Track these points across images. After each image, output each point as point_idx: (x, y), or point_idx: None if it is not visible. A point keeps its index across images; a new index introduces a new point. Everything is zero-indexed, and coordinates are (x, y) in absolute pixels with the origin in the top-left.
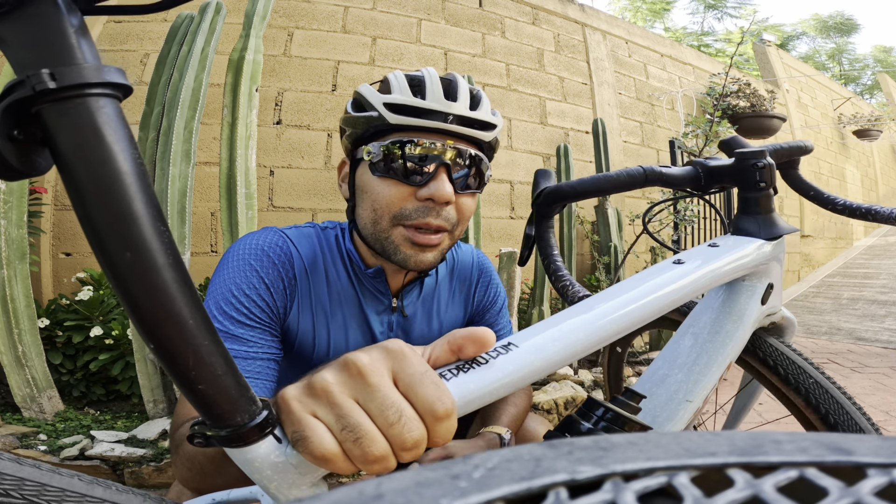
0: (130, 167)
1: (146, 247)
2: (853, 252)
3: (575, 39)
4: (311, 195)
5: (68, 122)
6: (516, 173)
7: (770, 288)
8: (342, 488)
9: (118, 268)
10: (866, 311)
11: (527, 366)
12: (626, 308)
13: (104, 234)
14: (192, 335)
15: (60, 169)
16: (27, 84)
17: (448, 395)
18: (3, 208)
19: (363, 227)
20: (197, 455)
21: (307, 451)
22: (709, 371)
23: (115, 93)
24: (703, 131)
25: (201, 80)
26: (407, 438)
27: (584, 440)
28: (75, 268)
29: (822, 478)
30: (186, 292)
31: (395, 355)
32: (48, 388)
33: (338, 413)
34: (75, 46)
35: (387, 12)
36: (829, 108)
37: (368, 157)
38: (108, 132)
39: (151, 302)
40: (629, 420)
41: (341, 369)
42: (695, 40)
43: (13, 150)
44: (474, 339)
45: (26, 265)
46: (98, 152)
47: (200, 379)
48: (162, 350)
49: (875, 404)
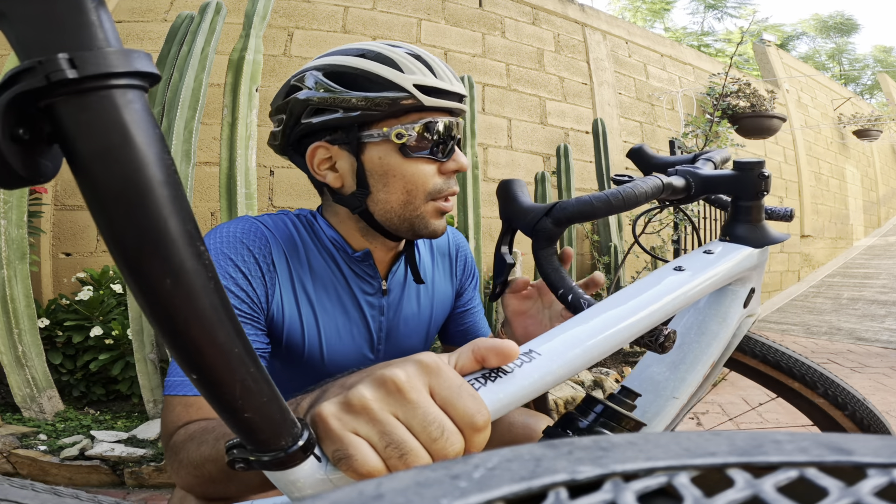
0: (164, 176)
1: (185, 270)
2: (853, 252)
3: (575, 39)
4: (312, 195)
5: (92, 119)
6: (516, 173)
7: (752, 292)
8: (342, 488)
9: (156, 296)
10: (866, 311)
11: (549, 373)
12: (639, 313)
13: (138, 258)
14: (238, 363)
15: (79, 176)
16: (39, 72)
17: (485, 407)
18: (3, 208)
19: (387, 211)
20: (205, 464)
21: (352, 469)
22: (694, 370)
23: (143, 83)
24: (703, 131)
25: (201, 80)
26: (450, 453)
27: (584, 440)
28: (75, 268)
29: (822, 478)
30: (229, 318)
31: (431, 370)
32: (48, 388)
33: (381, 430)
34: (96, 25)
35: (387, 12)
36: (829, 108)
37: (400, 140)
38: (138, 133)
39: (195, 331)
40: (625, 416)
41: (379, 386)
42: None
43: (17, 153)
44: (498, 352)
45: (26, 265)
46: (128, 158)
47: (247, 408)
48: (207, 381)
49: (875, 404)
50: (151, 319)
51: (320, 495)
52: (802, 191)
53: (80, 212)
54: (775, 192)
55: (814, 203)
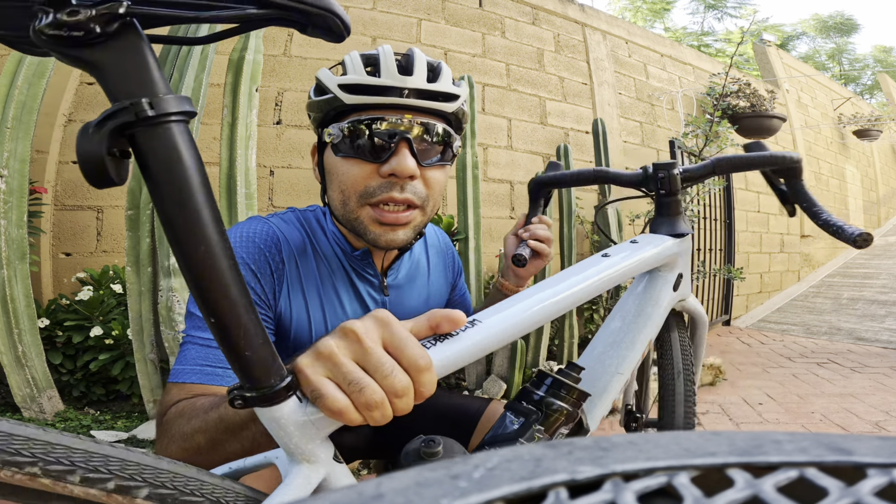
0: (201, 179)
1: (213, 243)
2: (853, 252)
3: (575, 39)
4: (311, 195)
5: (160, 143)
6: (516, 173)
7: (680, 277)
8: (342, 488)
9: (193, 260)
10: (866, 311)
11: (488, 337)
12: (565, 292)
13: (183, 233)
14: (243, 312)
15: (149, 180)
16: (130, 110)
17: (426, 353)
18: (3, 208)
19: (335, 210)
20: (194, 435)
21: (325, 406)
22: (634, 347)
23: (187, 118)
24: (702, 131)
25: (201, 80)
26: (398, 387)
27: (584, 440)
28: (75, 268)
29: (822, 478)
30: (238, 278)
31: (384, 323)
32: (48, 388)
33: (343, 371)
34: (159, 78)
35: (387, 12)
36: (829, 108)
37: (330, 139)
38: (186, 151)
39: (216, 285)
40: (571, 387)
41: (342, 336)
42: (695, 40)
43: (112, 164)
44: (450, 318)
45: (26, 265)
46: (181, 167)
47: (247, 347)
48: (221, 324)
49: (875, 404)
50: (188, 277)
51: (320, 495)
52: None
53: (80, 212)
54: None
55: None
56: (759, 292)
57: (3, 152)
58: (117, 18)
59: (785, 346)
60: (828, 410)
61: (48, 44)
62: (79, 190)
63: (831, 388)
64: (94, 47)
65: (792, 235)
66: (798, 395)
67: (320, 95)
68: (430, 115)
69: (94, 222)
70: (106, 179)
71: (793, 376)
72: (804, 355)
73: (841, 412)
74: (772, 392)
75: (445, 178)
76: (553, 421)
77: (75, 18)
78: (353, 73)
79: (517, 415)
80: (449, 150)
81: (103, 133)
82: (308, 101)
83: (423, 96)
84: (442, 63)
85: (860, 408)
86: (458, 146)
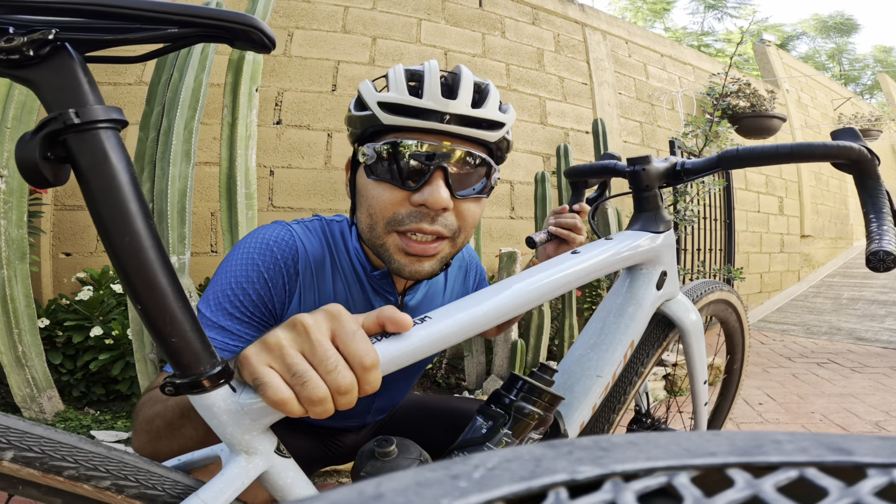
0: (129, 178)
1: (139, 234)
2: (853, 252)
3: (575, 39)
4: (312, 195)
5: (87, 146)
6: (516, 173)
7: (664, 275)
8: (342, 488)
9: (119, 249)
10: (866, 311)
11: (438, 334)
12: (526, 289)
13: (109, 225)
14: (171, 299)
15: (80, 179)
16: (59, 119)
17: (373, 351)
18: (3, 208)
19: (362, 231)
20: (154, 419)
21: (267, 396)
22: (614, 350)
23: (117, 126)
24: (702, 131)
25: (201, 80)
26: (341, 384)
27: (584, 440)
28: (75, 268)
29: (822, 478)
30: (166, 267)
31: (334, 317)
32: (48, 388)
33: (288, 363)
34: (88, 91)
35: (387, 12)
36: (829, 108)
37: (364, 159)
38: (113, 153)
39: (142, 273)
40: (543, 390)
41: (290, 328)
42: (695, 40)
43: (47, 167)
44: (394, 321)
45: (26, 265)
46: (108, 167)
47: (174, 333)
48: (147, 311)
49: (875, 404)
50: (116, 266)
51: (320, 495)
52: (802, 191)
53: (79, 212)
54: (775, 192)
55: (814, 203)
56: (759, 292)
57: (3, 152)
58: (48, 43)
59: (785, 346)
60: (828, 410)
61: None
62: (79, 190)
63: (831, 388)
64: (30, 67)
65: (792, 235)
66: (798, 395)
67: (360, 111)
68: (472, 143)
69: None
70: (42, 180)
71: (793, 376)
72: (804, 355)
73: (841, 412)
74: (772, 392)
75: (480, 211)
76: (524, 425)
77: (11, 44)
78: (395, 91)
79: (486, 418)
80: (487, 182)
81: (36, 140)
82: (348, 114)
83: (465, 123)
84: (490, 85)
85: (860, 408)
86: (496, 178)
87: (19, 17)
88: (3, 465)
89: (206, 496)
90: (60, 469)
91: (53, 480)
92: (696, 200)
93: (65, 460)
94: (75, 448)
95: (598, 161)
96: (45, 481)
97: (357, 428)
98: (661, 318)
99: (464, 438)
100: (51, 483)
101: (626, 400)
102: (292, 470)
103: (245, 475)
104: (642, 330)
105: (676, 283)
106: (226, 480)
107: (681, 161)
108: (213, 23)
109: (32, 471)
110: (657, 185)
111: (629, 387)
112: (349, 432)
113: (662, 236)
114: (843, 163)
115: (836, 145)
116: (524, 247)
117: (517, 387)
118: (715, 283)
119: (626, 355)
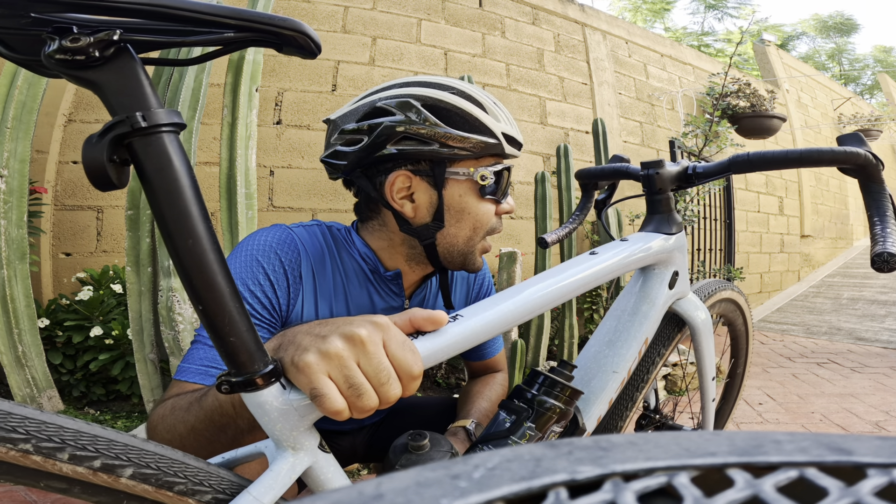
0: (190, 181)
1: (201, 236)
2: (853, 252)
3: (575, 39)
4: (312, 195)
5: (153, 150)
6: (516, 173)
7: (676, 275)
8: (342, 488)
9: (181, 251)
10: (866, 311)
11: (471, 331)
12: (550, 288)
13: (173, 227)
14: (229, 300)
15: (144, 182)
16: (126, 123)
17: (420, 360)
18: (3, 208)
19: (452, 245)
20: (177, 425)
21: (324, 406)
22: (630, 346)
23: (178, 129)
24: (702, 131)
25: (201, 80)
26: (391, 395)
27: (584, 440)
28: (75, 268)
29: (822, 478)
30: (224, 269)
31: (384, 328)
32: (48, 388)
33: (347, 374)
34: (151, 94)
35: (387, 12)
36: (829, 108)
37: (483, 182)
38: (176, 157)
39: (203, 275)
40: (564, 385)
41: (348, 339)
42: (695, 40)
43: (112, 169)
44: (433, 320)
45: (26, 265)
46: (171, 171)
47: (232, 332)
48: (207, 311)
49: (875, 404)
50: (178, 268)
51: (320, 495)
52: (802, 191)
53: (80, 212)
54: (775, 192)
55: (814, 203)
56: (759, 292)
57: (3, 152)
58: (113, 44)
59: (785, 346)
60: (828, 410)
61: (56, 66)
62: (79, 190)
63: (831, 388)
64: (94, 69)
65: (792, 235)
66: (798, 395)
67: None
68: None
69: (94, 222)
70: (109, 183)
71: (793, 376)
72: (804, 355)
73: (841, 412)
74: (772, 392)
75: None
76: (546, 419)
77: (77, 45)
78: (501, 122)
79: (509, 413)
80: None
81: (104, 143)
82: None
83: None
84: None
85: (860, 408)
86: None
87: (81, 16)
88: (56, 465)
89: (257, 492)
90: (114, 467)
91: (105, 479)
92: (696, 200)
93: (118, 458)
94: (127, 446)
95: (608, 164)
96: (95, 480)
97: (355, 430)
98: (671, 316)
99: (488, 432)
100: (100, 482)
101: (640, 395)
102: (333, 465)
103: (292, 470)
104: (655, 327)
105: (687, 282)
106: (274, 476)
107: (692, 165)
108: (267, 28)
109: (83, 470)
110: (670, 189)
111: (642, 382)
112: (347, 434)
113: (675, 238)
114: (849, 168)
115: (844, 151)
116: (524, 247)
117: (539, 382)
118: (723, 283)
119: (640, 352)
